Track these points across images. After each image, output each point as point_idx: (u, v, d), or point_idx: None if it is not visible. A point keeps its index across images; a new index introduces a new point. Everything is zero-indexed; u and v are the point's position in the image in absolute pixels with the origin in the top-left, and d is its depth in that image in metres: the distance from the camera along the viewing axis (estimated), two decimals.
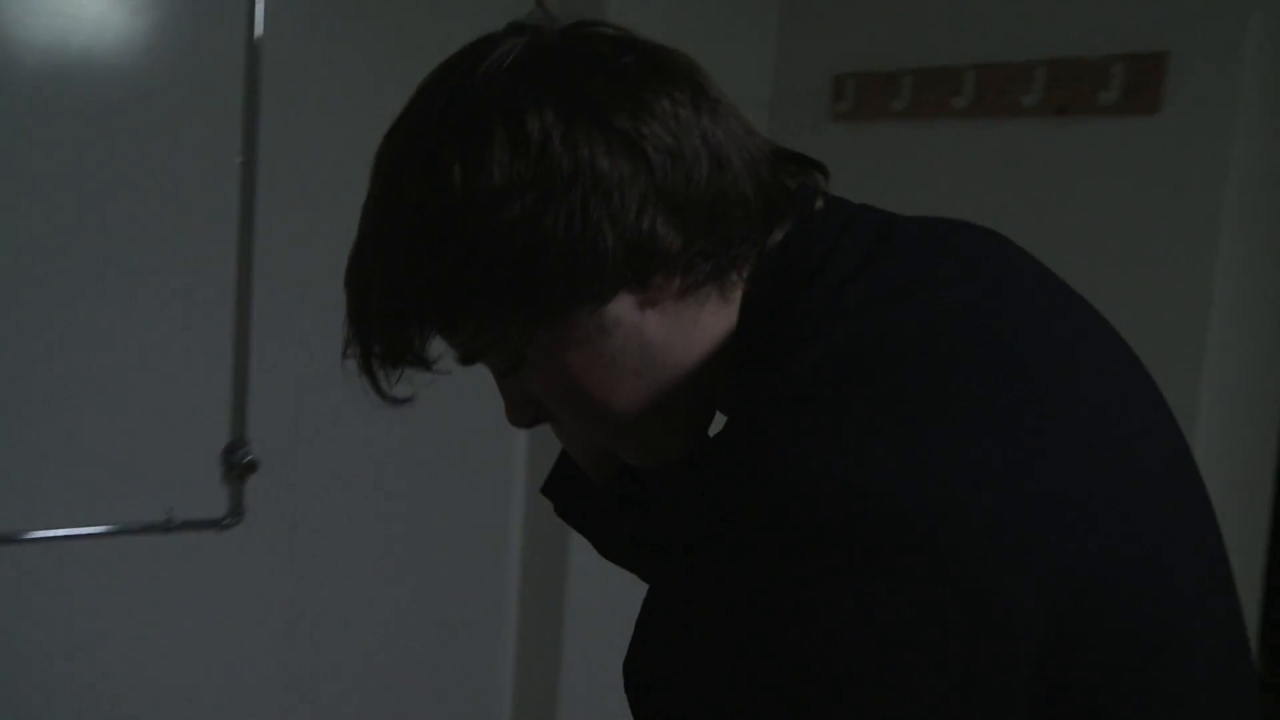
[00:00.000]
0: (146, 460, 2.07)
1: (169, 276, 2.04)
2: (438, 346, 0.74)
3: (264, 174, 2.08)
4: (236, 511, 2.15)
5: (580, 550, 2.35)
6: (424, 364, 0.74)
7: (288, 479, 2.19)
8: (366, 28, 2.16)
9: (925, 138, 2.05)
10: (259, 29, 2.04)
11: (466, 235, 0.67)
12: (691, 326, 0.72)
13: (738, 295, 0.73)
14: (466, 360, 0.75)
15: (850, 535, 0.57)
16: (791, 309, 0.69)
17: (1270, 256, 1.74)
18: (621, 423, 0.74)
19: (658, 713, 0.68)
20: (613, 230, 0.67)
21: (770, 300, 0.71)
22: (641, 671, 0.69)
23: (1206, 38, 1.67)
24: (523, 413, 0.79)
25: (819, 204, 0.75)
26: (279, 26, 2.06)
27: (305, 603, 2.25)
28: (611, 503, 0.91)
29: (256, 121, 2.06)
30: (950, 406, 0.61)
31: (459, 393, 2.32)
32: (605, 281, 0.68)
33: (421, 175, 0.68)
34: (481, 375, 0.80)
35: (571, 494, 0.94)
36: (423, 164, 0.68)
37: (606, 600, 2.40)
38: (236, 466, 2.12)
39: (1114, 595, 0.61)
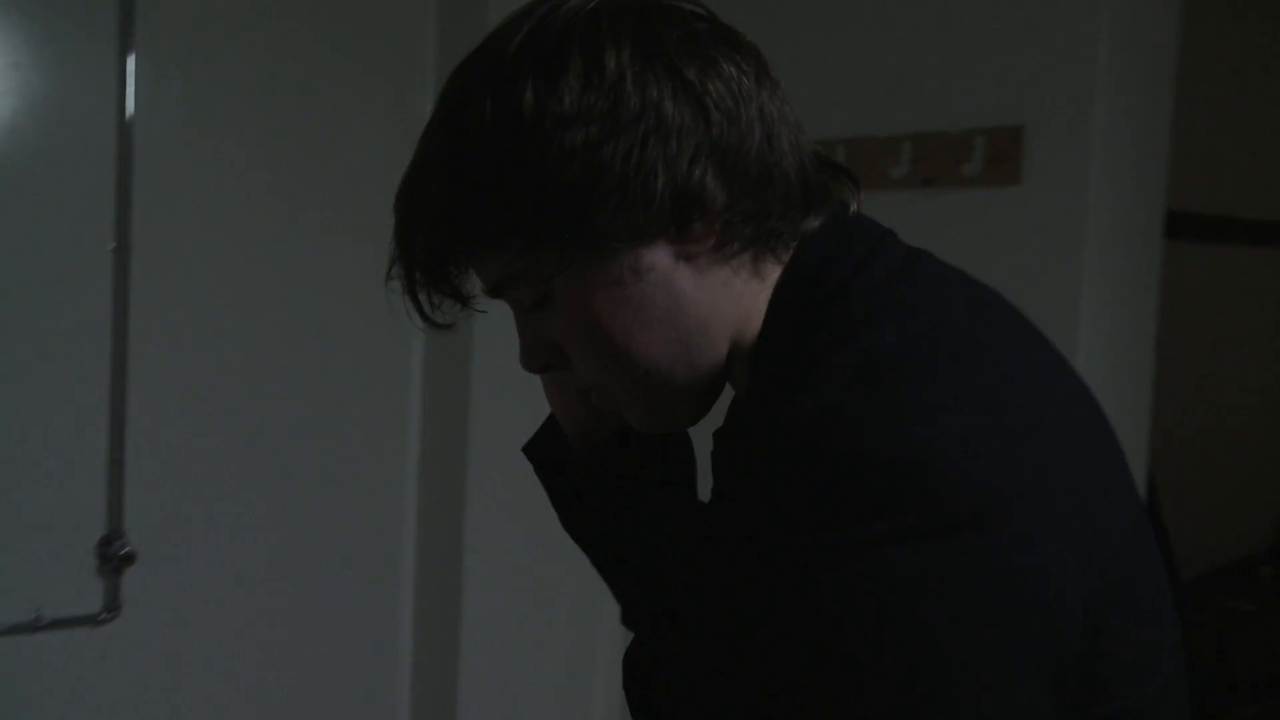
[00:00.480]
0: (13, 555, 1.98)
1: (40, 366, 1.98)
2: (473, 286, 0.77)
3: (138, 260, 2.04)
4: (113, 606, 2.07)
5: (471, 652, 2.33)
6: (460, 296, 0.77)
7: (168, 570, 2.12)
8: (241, 107, 2.15)
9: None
10: (130, 109, 2.01)
11: (527, 155, 0.70)
12: (721, 289, 0.75)
13: (772, 275, 0.76)
14: (494, 290, 0.77)
15: (929, 503, 0.61)
16: (843, 296, 0.72)
17: (1127, 317, 1.83)
18: (637, 372, 0.76)
19: (708, 694, 0.70)
20: (665, 172, 0.70)
21: (815, 285, 0.74)
22: (680, 652, 0.74)
23: (1059, 112, 1.78)
24: (537, 356, 0.80)
25: (854, 207, 0.79)
26: (152, 106, 2.04)
27: (189, 701, 2.17)
28: (596, 472, 0.92)
29: (129, 205, 2.02)
30: (1010, 400, 0.67)
31: (341, 482, 2.30)
32: (649, 220, 0.71)
33: (493, 96, 0.71)
34: (368, 473, 0.80)
35: (553, 456, 0.95)
36: (496, 86, 0.71)
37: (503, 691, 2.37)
38: (113, 559, 2.05)
39: (1127, 605, 0.67)
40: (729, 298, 0.75)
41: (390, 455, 2.37)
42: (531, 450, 0.97)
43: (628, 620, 0.93)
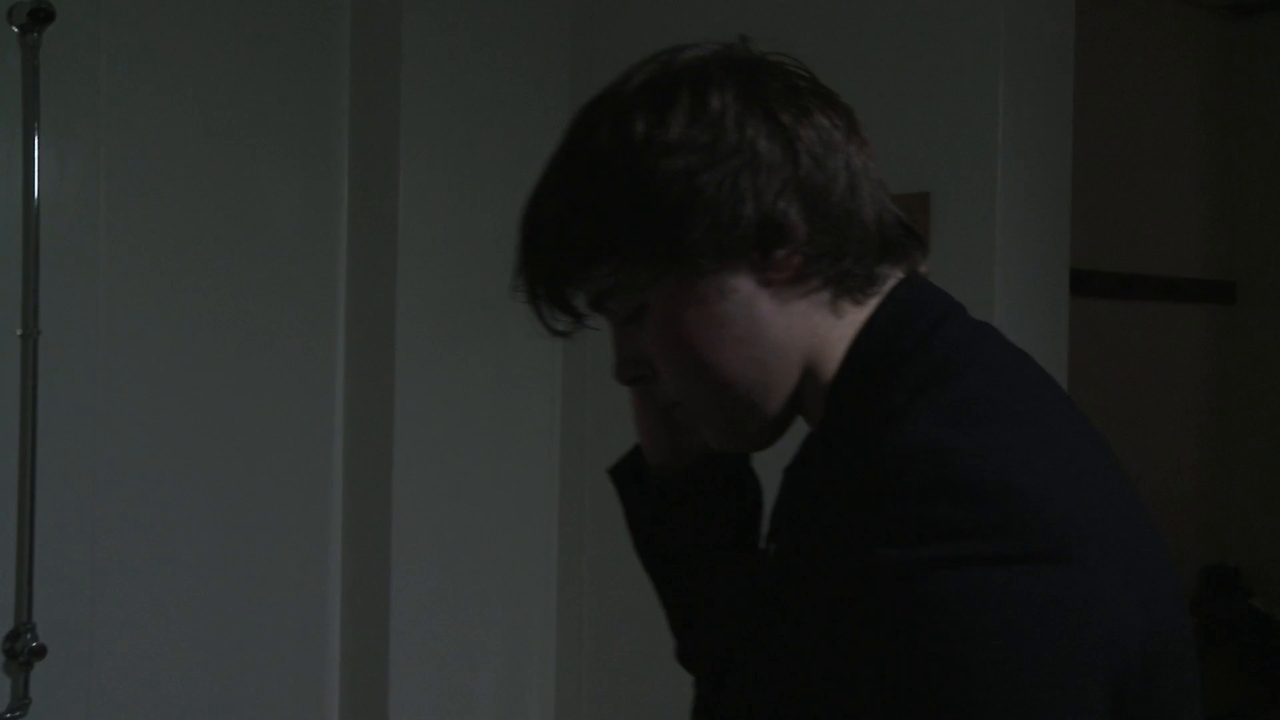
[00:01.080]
0: None
1: None
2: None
3: (46, 345, 2.00)
4: (21, 703, 2.00)
5: None
6: (571, 310, 0.85)
7: (80, 663, 2.06)
8: (150, 188, 2.13)
9: None
10: (37, 193, 1.98)
11: (634, 177, 0.79)
12: (799, 319, 0.82)
13: (849, 314, 0.83)
14: (595, 302, 0.85)
15: (1020, 532, 0.67)
16: (926, 345, 0.79)
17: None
18: (717, 387, 0.83)
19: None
20: (754, 201, 0.79)
21: (900, 332, 0.81)
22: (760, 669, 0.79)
23: (963, 178, 1.82)
24: (628, 367, 0.88)
25: (924, 269, 0.87)
26: (59, 190, 2.01)
27: None
28: (672, 500, 1.00)
29: (36, 291, 1.99)
30: (1078, 451, 0.75)
31: (260, 578, 2.26)
32: (735, 243, 0.79)
33: (610, 126, 0.81)
34: (290, 560, 0.79)
35: (634, 481, 1.04)
36: (614, 118, 0.81)
37: None
38: (21, 653, 1.98)
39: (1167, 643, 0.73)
40: (806, 329, 0.83)
41: (313, 559, 2.33)
42: (615, 472, 1.06)
43: (683, 658, 0.99)
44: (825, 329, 0.83)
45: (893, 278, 0.84)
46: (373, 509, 2.30)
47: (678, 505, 1.01)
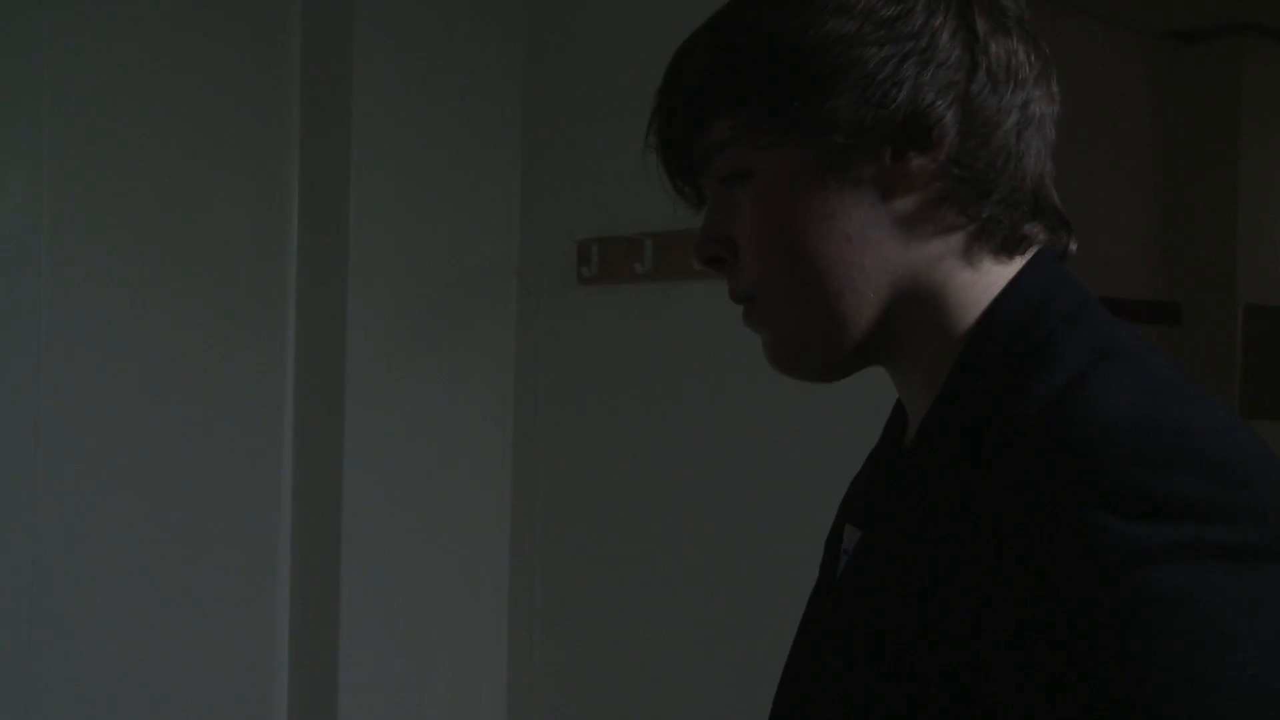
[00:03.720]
0: None
1: None
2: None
3: None
4: None
5: None
6: (691, 171, 0.77)
7: (17, 680, 2.01)
8: (95, 205, 2.09)
9: (670, 298, 2.14)
10: None
11: (797, 25, 0.71)
12: (921, 248, 0.73)
13: (987, 267, 0.73)
14: (705, 156, 0.76)
15: (1267, 518, 0.58)
16: (1087, 317, 0.70)
17: None
18: (805, 280, 0.73)
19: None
20: (910, 89, 0.70)
21: (1056, 297, 0.71)
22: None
23: None
24: (709, 246, 0.78)
25: (1073, 247, 0.78)
26: (0, 205, 1.97)
27: None
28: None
29: None
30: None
31: (206, 587, 2.22)
32: (876, 124, 0.70)
33: None
34: (239, 576, 0.76)
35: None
36: None
37: None
38: None
39: None
40: (929, 265, 0.73)
41: (261, 571, 2.30)
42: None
43: None
44: (957, 275, 0.73)
45: (1039, 245, 0.75)
46: (323, 519, 2.27)
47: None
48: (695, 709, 2.10)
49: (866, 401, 0.79)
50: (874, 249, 0.72)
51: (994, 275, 0.73)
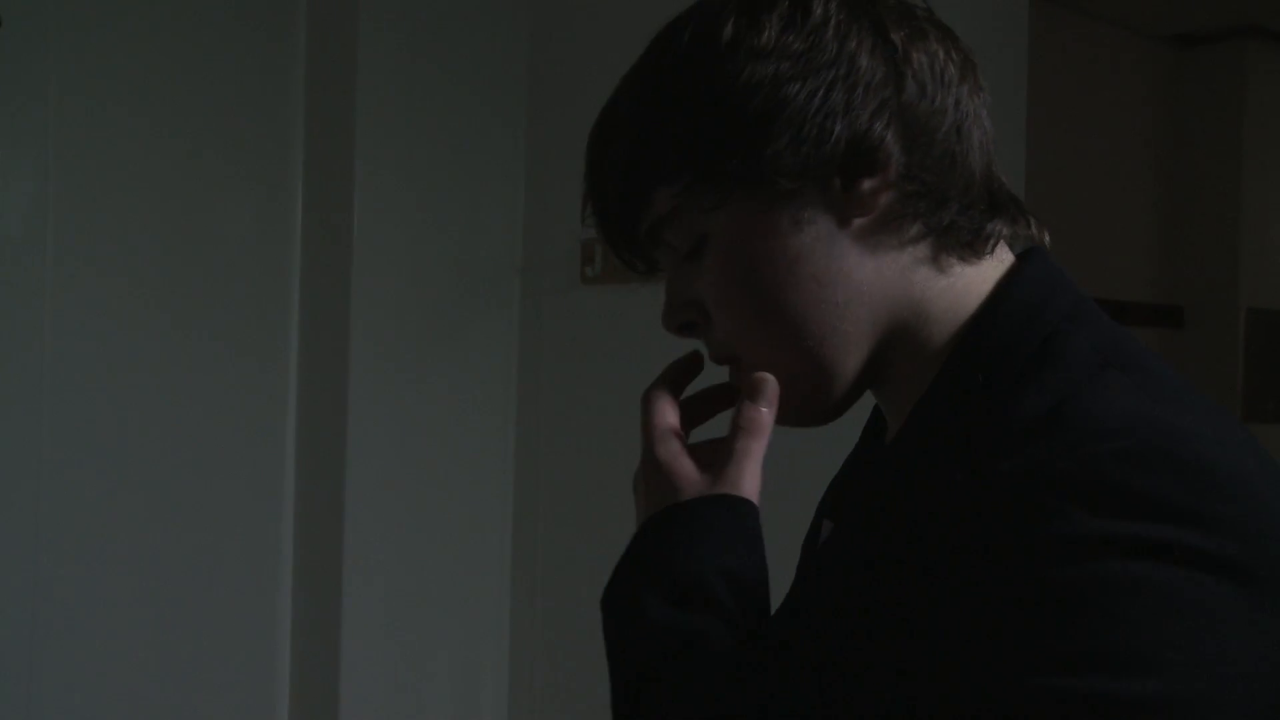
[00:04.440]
0: None
1: None
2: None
3: None
4: None
5: None
6: (637, 242, 0.75)
7: (20, 679, 2.01)
8: (100, 200, 2.10)
9: None
10: None
11: (714, 81, 0.70)
12: (891, 266, 0.71)
13: (956, 272, 0.72)
14: (652, 232, 0.74)
15: (1250, 531, 0.57)
16: (1084, 319, 0.69)
17: None
18: (785, 332, 0.72)
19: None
20: (845, 118, 0.69)
21: (1045, 304, 0.70)
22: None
23: None
24: (679, 313, 0.77)
25: (1046, 238, 0.76)
26: (6, 200, 1.98)
27: None
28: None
29: None
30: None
31: (209, 588, 2.22)
32: (818, 161, 0.69)
33: (695, 27, 0.72)
34: (241, 576, 0.76)
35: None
36: (700, 20, 0.72)
37: None
38: None
39: None
40: (900, 279, 0.71)
41: (263, 572, 2.30)
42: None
43: None
44: (929, 285, 0.72)
45: (1004, 240, 0.74)
46: (325, 518, 2.28)
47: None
48: None
49: (867, 401, 0.79)
50: (844, 282, 0.71)
51: (967, 278, 0.73)
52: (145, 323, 2.15)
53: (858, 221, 0.71)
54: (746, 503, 0.74)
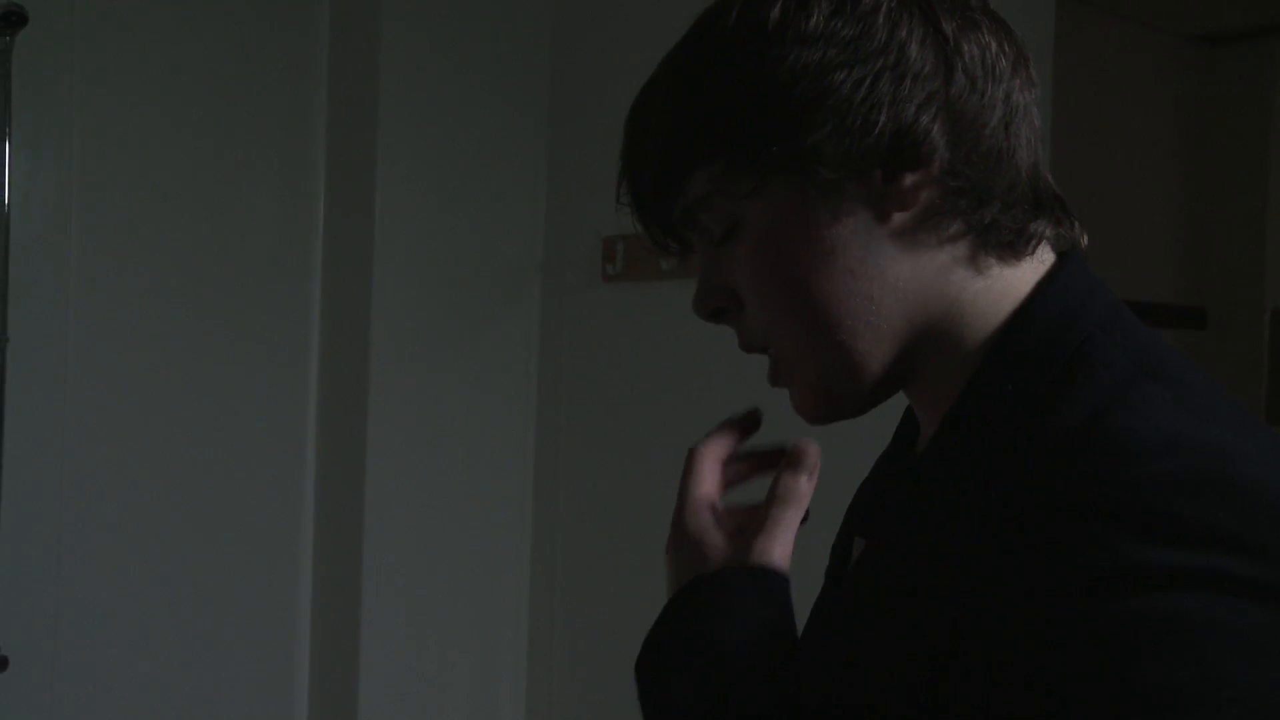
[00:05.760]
0: None
1: None
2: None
3: (14, 354, 1.97)
4: None
5: None
6: (674, 227, 0.74)
7: (44, 675, 2.03)
8: (123, 195, 2.11)
9: (690, 297, 2.14)
10: (8, 198, 1.96)
11: (759, 65, 0.68)
12: (929, 264, 0.70)
13: (995, 273, 0.70)
14: (686, 215, 0.73)
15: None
16: (1119, 326, 0.67)
17: None
18: (817, 323, 0.70)
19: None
20: (890, 110, 0.67)
21: (1081, 308, 0.68)
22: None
23: None
24: (710, 298, 0.76)
25: (1085, 240, 0.74)
26: (30, 195, 1.99)
27: None
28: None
29: (5, 299, 1.96)
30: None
31: (229, 587, 2.23)
32: (861, 152, 0.67)
33: (742, 10, 0.70)
34: (262, 575, 0.77)
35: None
36: (748, 2, 0.70)
37: None
38: None
39: None
40: (937, 277, 0.70)
41: (284, 570, 2.31)
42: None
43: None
44: (965, 285, 0.70)
45: (1047, 241, 0.72)
46: (345, 514, 2.28)
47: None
48: None
49: (896, 400, 0.78)
50: (879, 276, 0.69)
51: (1005, 280, 0.71)
52: (166, 319, 2.16)
53: (897, 216, 0.69)
54: (775, 574, 0.73)
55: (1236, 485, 0.56)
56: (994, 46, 0.70)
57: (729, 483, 0.80)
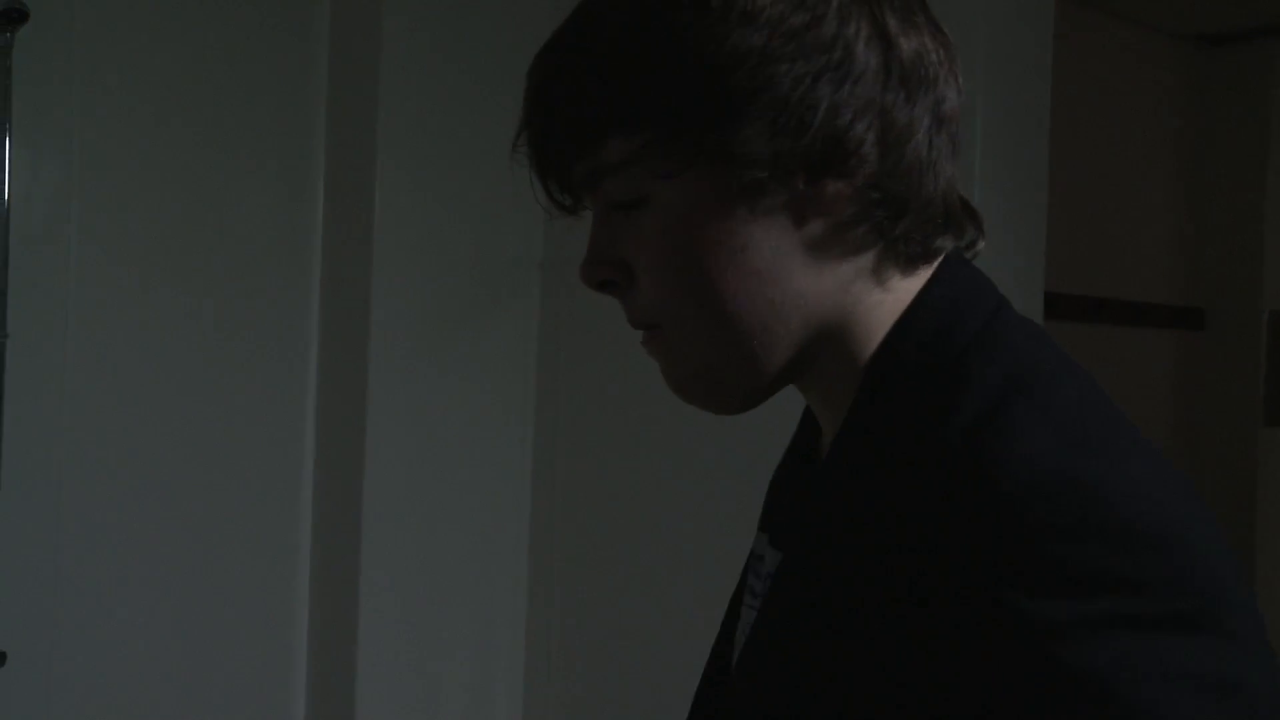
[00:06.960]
0: None
1: None
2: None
3: (13, 350, 1.97)
4: None
5: None
6: (573, 187, 0.71)
7: (41, 671, 2.03)
8: (123, 193, 2.11)
9: None
10: (8, 195, 1.96)
11: (702, 40, 0.64)
12: (831, 275, 0.68)
13: (895, 284, 0.69)
14: (591, 177, 0.70)
15: (1191, 590, 0.56)
16: (1000, 336, 0.67)
17: None
18: (714, 318, 0.68)
19: None
20: (827, 113, 0.64)
21: (965, 315, 0.68)
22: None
23: None
24: (599, 269, 0.74)
25: (980, 246, 0.74)
26: (30, 192, 1.99)
27: None
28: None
29: (4, 295, 1.96)
30: (1187, 485, 0.62)
31: (227, 584, 2.23)
32: (791, 153, 0.65)
33: None
34: (259, 571, 0.76)
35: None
36: None
37: None
38: None
39: None
40: (839, 288, 0.68)
41: (281, 567, 2.31)
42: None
43: None
44: (864, 296, 0.69)
45: (947, 254, 0.71)
46: (343, 514, 2.28)
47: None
48: None
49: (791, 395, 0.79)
50: (784, 282, 0.68)
51: (901, 291, 0.70)
52: (166, 318, 2.16)
53: (814, 223, 0.67)
54: None
55: (1116, 524, 0.56)
56: (929, 46, 0.68)
57: None
